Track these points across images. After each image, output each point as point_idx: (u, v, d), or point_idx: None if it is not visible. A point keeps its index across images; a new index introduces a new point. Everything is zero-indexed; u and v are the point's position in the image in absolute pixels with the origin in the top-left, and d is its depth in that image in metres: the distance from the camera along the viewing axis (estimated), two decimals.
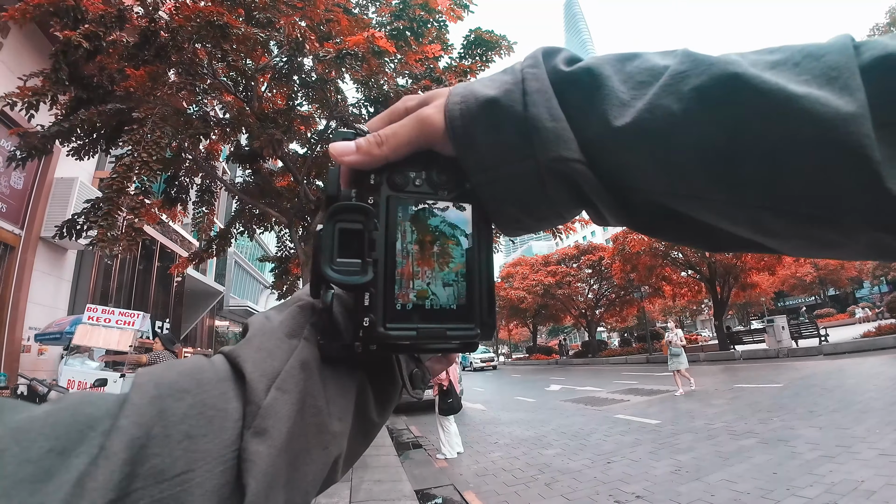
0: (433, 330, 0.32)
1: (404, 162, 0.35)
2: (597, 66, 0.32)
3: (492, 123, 0.32)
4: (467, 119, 0.33)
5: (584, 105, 0.31)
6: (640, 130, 0.29)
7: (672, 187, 0.29)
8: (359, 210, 0.32)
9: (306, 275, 8.97)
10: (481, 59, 8.17)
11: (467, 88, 0.34)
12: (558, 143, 0.30)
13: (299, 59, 7.53)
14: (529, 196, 0.33)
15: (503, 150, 0.32)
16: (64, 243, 11.34)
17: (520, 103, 0.32)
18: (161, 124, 6.17)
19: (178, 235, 17.51)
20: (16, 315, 10.48)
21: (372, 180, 0.34)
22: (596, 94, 0.31)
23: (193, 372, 0.29)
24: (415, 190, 0.34)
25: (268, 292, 28.37)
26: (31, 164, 9.95)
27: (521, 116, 0.31)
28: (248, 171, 9.77)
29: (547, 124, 0.31)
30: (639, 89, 0.30)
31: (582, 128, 0.31)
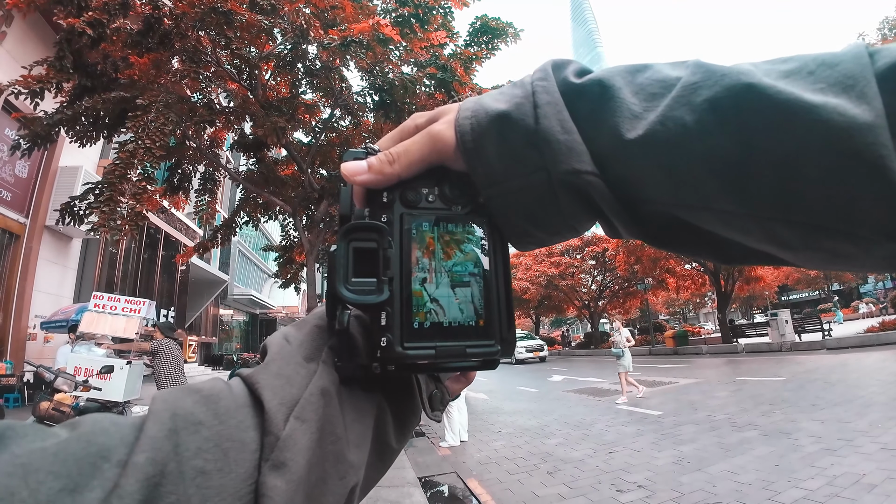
0: (452, 348, 0.32)
1: (417, 178, 0.34)
2: (607, 78, 0.31)
3: (503, 137, 0.32)
4: (478, 133, 0.32)
5: (596, 117, 0.31)
6: (653, 143, 0.28)
7: (685, 199, 0.29)
8: (372, 228, 0.32)
9: (310, 263, 9.00)
10: (487, 47, 8.10)
11: (477, 103, 0.34)
12: (570, 156, 0.30)
13: (303, 47, 7.47)
14: (542, 209, 0.33)
15: (514, 164, 0.32)
16: (69, 231, 11.41)
17: (531, 116, 0.31)
18: (165, 111, 6.16)
19: (182, 224, 17.56)
20: (21, 303, 10.58)
21: (385, 198, 0.34)
22: (607, 106, 0.30)
23: (211, 400, 0.28)
24: (428, 206, 0.34)
25: (272, 281, 28.45)
26: (35, 153, 9.97)
27: (532, 129, 0.31)
28: (252, 159, 9.76)
29: (559, 136, 0.30)
30: (651, 101, 0.30)
31: (594, 140, 0.30)
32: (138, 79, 6.75)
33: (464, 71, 7.67)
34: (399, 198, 0.33)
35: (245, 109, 7.94)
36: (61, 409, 4.09)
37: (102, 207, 5.83)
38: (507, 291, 0.34)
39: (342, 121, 9.38)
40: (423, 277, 0.32)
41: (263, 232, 29.51)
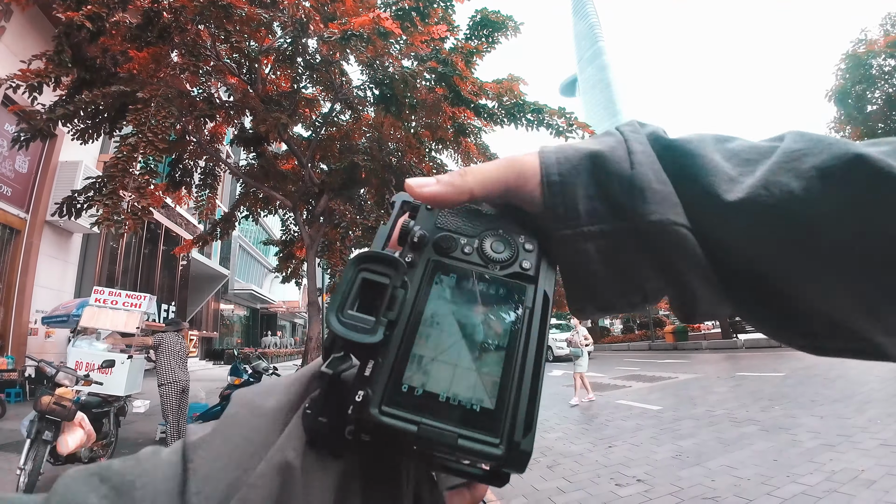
0: (440, 432, 0.25)
1: (463, 220, 0.31)
2: (697, 139, 0.31)
3: (594, 176, 0.30)
4: (565, 167, 0.31)
5: (689, 175, 0.29)
6: (756, 207, 0.27)
7: (788, 267, 0.27)
8: (388, 262, 0.28)
9: (311, 258, 8.99)
10: (487, 41, 8.05)
11: (562, 144, 0.33)
12: (665, 206, 0.28)
13: (303, 41, 7.44)
14: (619, 261, 0.30)
15: (601, 206, 0.30)
16: (69, 226, 11.41)
17: (626, 161, 0.30)
18: (165, 105, 6.14)
19: (182, 219, 17.57)
20: (23, 298, 10.59)
21: (416, 238, 0.30)
22: (700, 166, 0.29)
23: (122, 493, 0.24)
24: (462, 258, 0.30)
25: (272, 276, 28.47)
26: (35, 148, 9.96)
27: (626, 174, 0.29)
28: (253, 154, 9.73)
29: (654, 185, 0.29)
30: (746, 166, 0.29)
31: (687, 196, 0.29)
32: (138, 73, 6.72)
33: (464, 65, 7.64)
34: (432, 241, 0.30)
35: (245, 104, 7.90)
36: (63, 404, 4.10)
37: (105, 201, 5.82)
38: (533, 381, 0.26)
39: (342, 115, 9.34)
40: (433, 334, 0.27)
41: (264, 226, 29.50)
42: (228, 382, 5.82)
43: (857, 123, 15.96)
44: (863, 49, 15.23)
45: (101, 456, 4.72)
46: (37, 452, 3.95)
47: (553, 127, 8.03)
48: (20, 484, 3.84)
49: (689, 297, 0.30)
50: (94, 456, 4.59)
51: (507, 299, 0.29)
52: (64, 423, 4.15)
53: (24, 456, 3.95)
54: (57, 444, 4.08)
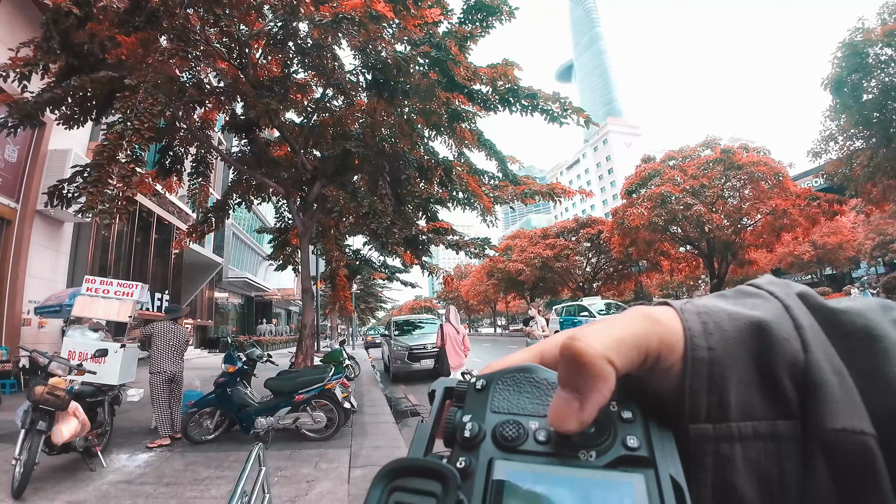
0: None
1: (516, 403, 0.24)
2: (867, 310, 0.24)
3: (757, 357, 0.23)
4: (717, 339, 0.23)
5: (866, 364, 0.23)
6: None
7: None
8: (433, 473, 0.20)
9: (304, 245, 8.96)
10: (481, 25, 7.94)
11: (701, 303, 0.26)
12: (847, 408, 0.22)
13: (294, 24, 7.30)
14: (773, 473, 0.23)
15: (764, 399, 0.23)
16: (60, 216, 11.28)
17: (796, 340, 0.23)
18: (154, 92, 6.03)
19: (174, 207, 17.40)
20: (15, 289, 10.51)
21: (468, 431, 0.23)
22: (880, 351, 0.23)
23: None
24: (537, 450, 0.22)
25: (266, 263, 28.40)
26: (24, 137, 9.80)
27: (800, 359, 0.23)
28: (244, 140, 9.62)
29: (831, 378, 0.22)
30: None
31: (867, 396, 0.22)
32: (126, 59, 6.59)
33: (458, 49, 7.53)
34: (491, 434, 0.22)
35: (236, 89, 7.78)
36: (56, 394, 4.09)
37: (90, 189, 5.75)
38: None
39: (335, 101, 9.23)
40: None
41: (257, 214, 29.33)
42: (223, 370, 5.81)
43: (852, 112, 15.96)
44: (860, 38, 15.17)
45: (96, 445, 4.72)
46: (32, 442, 3.95)
47: (548, 112, 7.96)
48: (16, 474, 3.84)
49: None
50: (89, 445, 4.59)
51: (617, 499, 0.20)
52: (58, 412, 4.14)
53: (19, 446, 3.95)
54: (51, 433, 4.08)
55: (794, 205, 21.31)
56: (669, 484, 0.20)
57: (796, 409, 0.23)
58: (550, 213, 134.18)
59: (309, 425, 5.67)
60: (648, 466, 0.20)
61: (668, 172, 24.62)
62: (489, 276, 41.86)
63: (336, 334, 23.49)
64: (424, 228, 10.10)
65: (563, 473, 0.20)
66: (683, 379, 0.23)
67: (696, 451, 0.23)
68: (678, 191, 22.66)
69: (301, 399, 5.58)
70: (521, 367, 0.25)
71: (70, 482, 4.29)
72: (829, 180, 19.00)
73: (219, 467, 4.73)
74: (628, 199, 25.65)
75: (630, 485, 0.20)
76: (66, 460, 4.70)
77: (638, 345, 0.23)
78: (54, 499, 3.89)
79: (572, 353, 0.21)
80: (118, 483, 4.29)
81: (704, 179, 23.00)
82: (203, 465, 4.79)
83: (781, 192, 21.80)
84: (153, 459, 5.04)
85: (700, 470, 0.23)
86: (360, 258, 16.11)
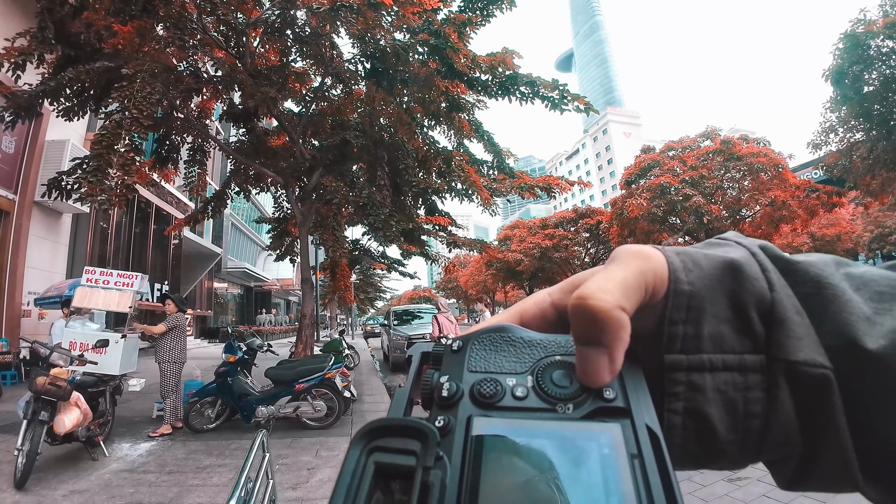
0: None
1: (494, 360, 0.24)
2: (820, 262, 0.26)
3: (729, 294, 0.25)
4: (696, 275, 0.25)
5: (819, 306, 0.25)
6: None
7: None
8: (411, 432, 0.20)
9: (303, 235, 8.95)
10: (481, 13, 7.86)
11: (677, 248, 0.27)
12: (808, 343, 0.24)
13: (292, 13, 7.22)
14: (741, 403, 0.24)
15: (733, 332, 0.24)
16: (59, 207, 11.25)
17: (763, 280, 0.25)
18: (151, 81, 5.99)
19: (173, 197, 17.35)
20: (14, 280, 10.50)
21: (445, 390, 0.22)
22: (830, 296, 0.25)
23: None
24: (515, 405, 0.22)
25: (266, 254, 28.36)
26: (21, 128, 9.73)
27: (766, 297, 0.25)
28: (242, 130, 9.56)
29: (794, 316, 0.24)
30: (880, 302, 0.25)
31: (820, 334, 0.24)
32: (122, 48, 6.52)
33: (458, 37, 7.46)
34: (468, 392, 0.22)
35: (233, 78, 7.72)
36: (58, 384, 4.11)
37: (90, 178, 5.74)
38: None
39: (333, 89, 9.16)
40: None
41: (256, 204, 29.24)
42: (223, 360, 5.84)
43: (853, 104, 15.89)
44: (861, 29, 15.06)
45: (98, 435, 4.76)
46: (34, 433, 3.97)
47: (548, 99, 7.91)
48: (18, 465, 3.87)
49: (810, 457, 0.25)
50: (91, 435, 4.62)
51: (596, 449, 0.19)
52: (60, 403, 4.16)
53: (21, 437, 3.97)
54: (53, 423, 4.10)
55: (793, 196, 21.29)
56: (646, 432, 0.20)
57: (763, 344, 0.24)
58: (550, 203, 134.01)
59: (309, 414, 5.71)
60: (625, 416, 0.21)
61: (668, 163, 24.56)
62: (488, 267, 41.90)
63: (335, 324, 23.53)
64: (423, 220, 10.09)
65: (541, 427, 0.21)
66: (664, 312, 0.25)
67: (669, 381, 0.24)
68: (677, 181, 22.62)
69: (301, 388, 5.62)
70: (496, 328, 0.26)
71: (72, 472, 4.33)
72: (829, 172, 18.96)
73: (220, 455, 4.77)
74: (627, 190, 25.61)
75: (608, 434, 0.20)
76: (68, 450, 4.74)
77: (639, 284, 0.24)
78: (57, 488, 3.93)
79: (587, 311, 0.22)
80: (121, 472, 4.33)
81: (704, 170, 22.95)
82: (205, 454, 4.83)
83: (781, 183, 21.77)
84: (155, 448, 5.08)
85: (672, 399, 0.24)
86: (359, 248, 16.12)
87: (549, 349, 0.24)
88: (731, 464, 0.26)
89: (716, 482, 3.69)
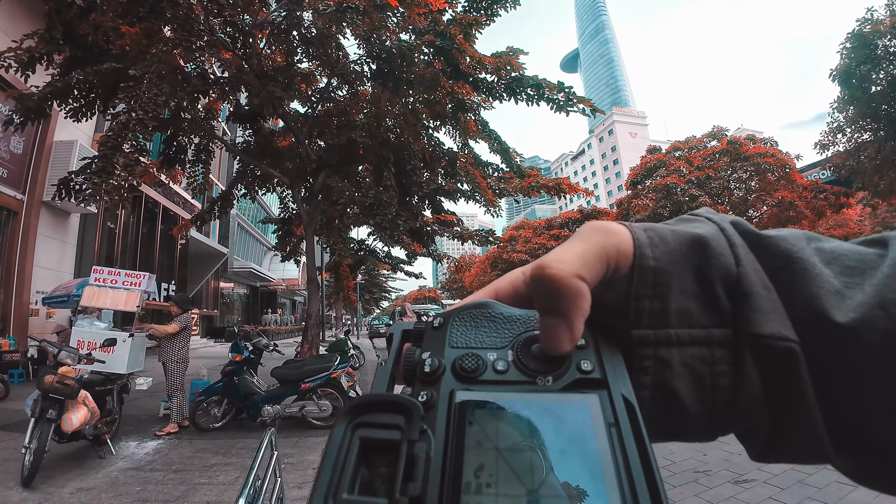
0: None
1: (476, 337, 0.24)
2: (790, 236, 0.27)
3: (695, 269, 0.25)
4: (662, 251, 0.25)
5: (788, 280, 0.25)
6: (872, 333, 0.22)
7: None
8: (395, 407, 0.20)
9: (309, 235, 8.98)
10: (486, 13, 7.86)
11: (646, 224, 0.27)
12: (773, 317, 0.24)
13: (298, 14, 7.26)
14: (707, 376, 0.25)
15: (699, 307, 0.25)
16: (67, 207, 11.34)
17: (730, 255, 0.25)
18: (158, 82, 6.03)
19: (180, 198, 17.46)
20: (22, 279, 10.60)
21: (427, 366, 0.23)
22: (800, 270, 0.25)
23: None
24: (496, 379, 0.22)
25: (272, 254, 28.48)
26: (29, 129, 9.82)
27: (733, 272, 0.25)
28: (249, 131, 9.61)
29: (760, 290, 0.24)
30: (850, 276, 0.25)
31: (789, 308, 0.24)
32: (129, 49, 6.57)
33: (463, 38, 7.47)
34: (450, 367, 0.23)
35: (240, 79, 7.76)
36: (66, 382, 4.14)
37: (94, 178, 5.79)
38: None
39: (339, 90, 9.20)
40: (485, 502, 0.18)
41: (262, 205, 29.37)
42: (230, 359, 5.87)
43: (860, 104, 15.78)
44: (868, 29, 14.95)
45: (106, 433, 4.79)
46: (41, 431, 4.00)
47: (553, 101, 7.90)
48: (26, 462, 3.90)
49: (778, 431, 0.25)
50: (98, 433, 4.65)
51: (577, 422, 0.20)
52: (67, 401, 4.19)
53: (28, 434, 3.99)
54: (61, 421, 4.13)
55: (800, 197, 21.14)
56: (622, 402, 0.21)
57: (729, 318, 0.24)
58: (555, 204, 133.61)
59: (315, 413, 5.73)
60: (602, 388, 0.22)
61: (674, 163, 24.44)
62: (493, 268, 41.88)
63: (341, 324, 23.56)
64: (429, 220, 10.10)
65: (522, 399, 0.21)
66: (629, 287, 0.25)
67: (636, 356, 0.25)
68: (683, 182, 22.50)
69: (307, 388, 5.64)
70: (477, 304, 0.26)
71: (79, 470, 4.36)
72: (837, 172, 18.82)
73: (226, 454, 4.79)
74: (633, 190, 25.50)
75: (586, 405, 0.21)
76: (75, 448, 4.77)
77: (600, 257, 0.24)
78: (64, 486, 3.96)
79: (545, 280, 0.23)
80: (127, 470, 4.36)
81: (710, 171, 22.84)
82: (211, 452, 4.86)
83: (788, 183, 21.62)
84: (162, 447, 5.11)
85: (640, 373, 0.25)
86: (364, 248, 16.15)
87: (528, 324, 0.25)
88: (699, 436, 0.27)
89: (722, 484, 3.67)
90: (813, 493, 3.39)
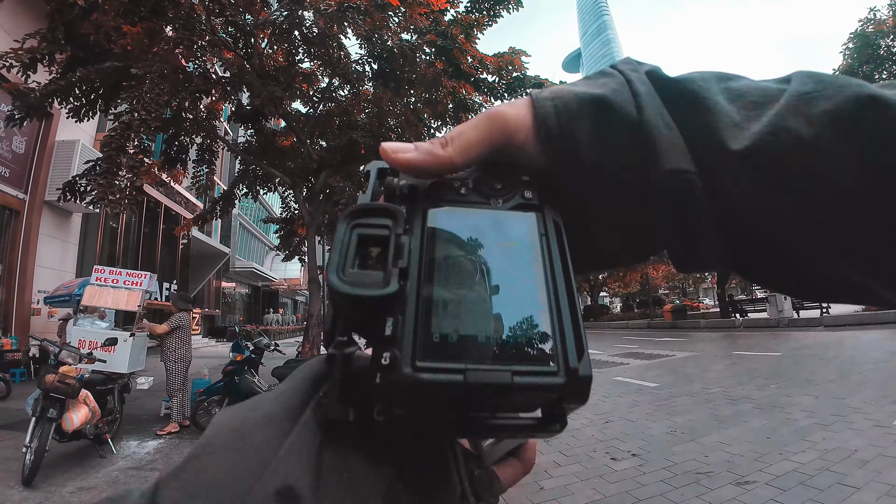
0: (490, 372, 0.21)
1: None
2: (699, 78, 0.29)
3: (599, 124, 0.28)
4: (565, 117, 0.28)
5: (692, 118, 0.27)
6: (764, 156, 0.25)
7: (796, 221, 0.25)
8: (385, 212, 0.25)
9: (311, 235, 8.98)
10: (488, 13, 7.86)
11: (557, 89, 0.30)
12: (675, 154, 0.26)
13: (299, 14, 7.26)
14: (626, 213, 0.28)
15: (609, 155, 0.28)
16: (69, 206, 11.36)
17: (632, 105, 0.28)
18: (160, 82, 6.04)
19: (182, 197, 17.50)
20: (24, 279, 10.63)
21: (406, 188, 0.28)
22: (703, 109, 0.27)
23: None
24: (459, 198, 0.28)
25: (273, 253, 28.50)
26: (32, 129, 9.86)
27: (634, 120, 0.27)
28: (250, 130, 9.63)
29: (663, 131, 0.27)
30: (751, 110, 0.27)
31: (691, 143, 0.27)
32: (131, 49, 6.58)
33: (465, 38, 7.47)
34: (424, 188, 0.28)
35: (242, 79, 7.77)
36: (67, 381, 4.15)
37: (99, 180, 5.80)
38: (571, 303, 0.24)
39: (341, 90, 9.20)
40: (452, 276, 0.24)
41: (264, 204, 29.40)
42: (231, 358, 5.88)
43: None
44: (871, 29, 14.91)
45: (106, 432, 4.80)
46: (42, 430, 4.01)
47: None
48: (26, 461, 3.91)
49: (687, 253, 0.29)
50: (99, 432, 4.66)
51: (519, 231, 0.26)
52: (68, 400, 4.20)
53: (29, 434, 4.01)
54: (62, 421, 4.14)
55: None
56: (552, 222, 0.27)
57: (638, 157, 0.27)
58: None
59: None
60: (539, 210, 0.27)
61: None
62: None
63: None
64: None
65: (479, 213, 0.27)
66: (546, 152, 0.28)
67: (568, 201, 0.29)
68: None
69: None
70: None
71: (80, 469, 4.37)
72: None
73: None
74: None
75: (527, 219, 0.27)
76: (76, 447, 4.78)
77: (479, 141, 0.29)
78: (65, 485, 3.97)
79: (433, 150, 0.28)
80: (128, 469, 4.37)
81: None
82: None
83: None
84: (163, 446, 5.12)
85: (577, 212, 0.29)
86: None
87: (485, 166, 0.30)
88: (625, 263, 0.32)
89: (724, 486, 3.66)
90: (815, 495, 3.38)
